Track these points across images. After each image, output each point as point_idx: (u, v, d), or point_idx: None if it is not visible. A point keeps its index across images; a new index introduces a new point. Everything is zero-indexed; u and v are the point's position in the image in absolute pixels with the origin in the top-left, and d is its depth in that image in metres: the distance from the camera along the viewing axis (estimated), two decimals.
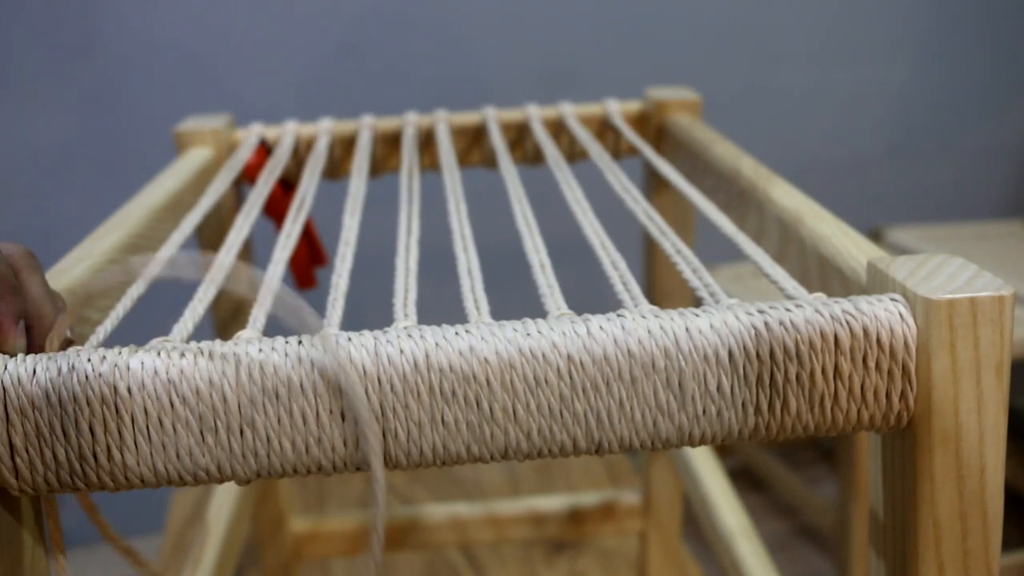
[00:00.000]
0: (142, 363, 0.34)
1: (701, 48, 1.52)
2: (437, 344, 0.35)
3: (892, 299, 0.36)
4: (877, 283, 0.39)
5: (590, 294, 0.96)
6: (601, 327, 0.35)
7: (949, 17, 1.57)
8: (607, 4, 1.48)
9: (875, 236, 1.58)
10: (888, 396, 0.35)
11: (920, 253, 0.39)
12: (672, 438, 0.36)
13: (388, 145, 0.77)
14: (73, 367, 0.34)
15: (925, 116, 1.62)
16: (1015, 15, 1.58)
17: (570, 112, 0.77)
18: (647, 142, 0.73)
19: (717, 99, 1.13)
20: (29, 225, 1.41)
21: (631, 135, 0.72)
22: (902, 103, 1.61)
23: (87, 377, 0.34)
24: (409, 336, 0.35)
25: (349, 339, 0.35)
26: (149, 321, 0.65)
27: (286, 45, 1.42)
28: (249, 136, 0.75)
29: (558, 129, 0.77)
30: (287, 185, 0.76)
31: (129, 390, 0.34)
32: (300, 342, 0.35)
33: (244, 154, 0.72)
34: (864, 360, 0.35)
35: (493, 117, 0.77)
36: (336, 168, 0.77)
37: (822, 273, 0.45)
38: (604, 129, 0.78)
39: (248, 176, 0.72)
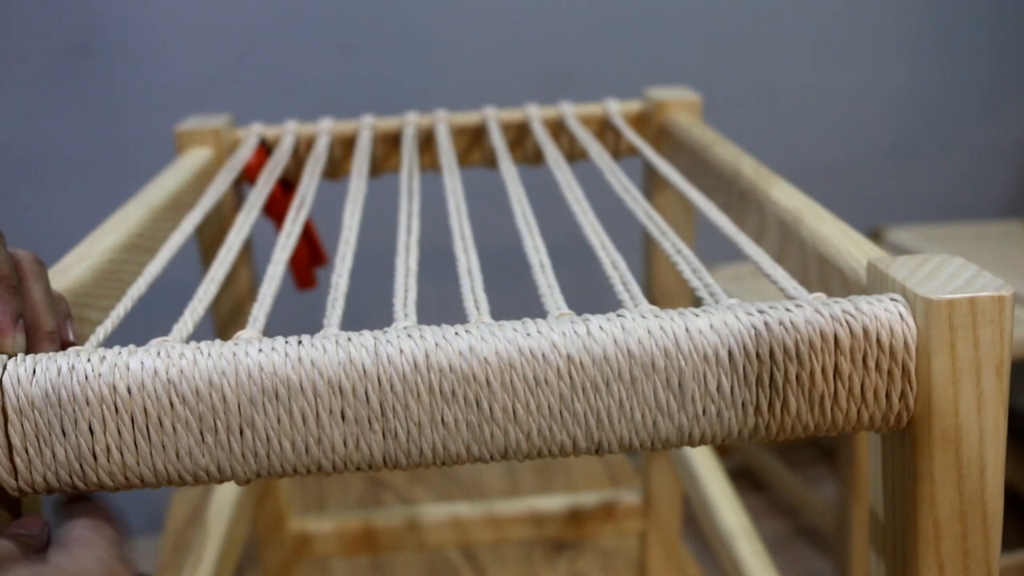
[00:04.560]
0: (142, 363, 0.34)
1: (701, 48, 1.52)
2: (437, 344, 0.35)
3: (892, 299, 0.36)
4: (877, 283, 0.39)
5: (590, 294, 0.96)
6: (601, 327, 0.35)
7: (949, 17, 1.57)
8: (607, 4, 1.47)
9: (875, 236, 1.58)
10: (888, 396, 0.35)
11: (920, 253, 0.39)
12: (672, 438, 0.36)
13: (388, 145, 0.77)
14: (73, 367, 0.34)
15: (925, 116, 1.62)
16: (1015, 15, 1.58)
17: (570, 112, 0.77)
18: (647, 142, 0.73)
19: (717, 99, 1.13)
20: (29, 225, 1.41)
21: (631, 135, 0.72)
22: (902, 103, 1.61)
23: (87, 377, 0.34)
24: (409, 336, 0.35)
25: (349, 339, 0.35)
26: (149, 321, 0.65)
27: (286, 45, 1.42)
28: (249, 136, 0.75)
29: (558, 129, 0.77)
30: (287, 185, 0.76)
31: (129, 390, 0.34)
32: (300, 342, 0.35)
33: (244, 154, 0.72)
34: (864, 360, 0.35)
35: (493, 117, 0.77)
36: (336, 168, 0.77)
37: (822, 273, 0.45)
38: (604, 129, 0.78)
39: (248, 176, 0.72)
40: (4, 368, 0.34)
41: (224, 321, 0.79)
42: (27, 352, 0.36)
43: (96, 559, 0.32)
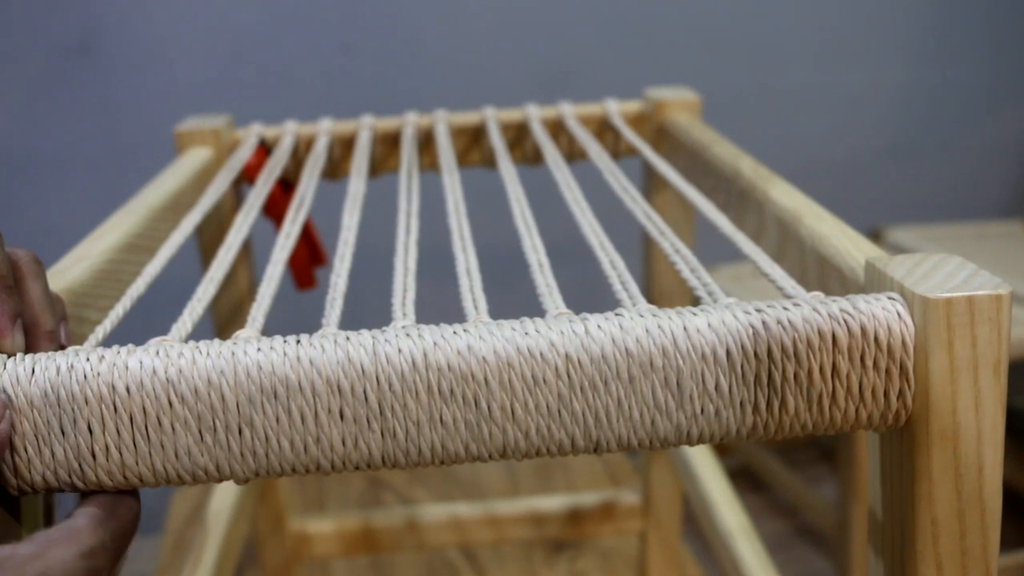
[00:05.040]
0: (141, 362, 0.34)
1: (701, 48, 1.52)
2: (435, 343, 0.35)
3: (890, 298, 0.36)
4: (875, 282, 0.39)
5: (589, 294, 0.96)
6: (599, 326, 0.35)
7: (949, 17, 1.57)
8: (607, 4, 1.48)
9: (875, 236, 1.58)
10: (886, 395, 0.35)
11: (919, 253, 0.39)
12: (670, 437, 0.36)
13: (387, 145, 0.77)
14: (72, 366, 0.34)
15: (925, 116, 1.62)
16: (1015, 15, 1.58)
17: (569, 112, 0.77)
18: (646, 142, 0.73)
19: (717, 99, 1.13)
20: (29, 225, 1.42)
21: (630, 135, 0.72)
22: (902, 103, 1.61)
23: (86, 376, 0.34)
24: (407, 335, 0.35)
25: (348, 338, 0.35)
26: (148, 321, 0.65)
27: (286, 45, 1.42)
28: (248, 136, 0.75)
29: (557, 129, 0.77)
30: (286, 185, 0.76)
31: (128, 389, 0.34)
32: (298, 341, 0.35)
33: (243, 154, 0.72)
34: (862, 359, 0.35)
35: (492, 117, 0.77)
36: (335, 168, 0.77)
37: (821, 272, 0.45)
38: (603, 129, 0.78)
39: (247, 176, 0.72)
40: (3, 367, 0.34)
41: (223, 321, 0.79)
42: (26, 351, 0.36)
43: (61, 561, 0.31)
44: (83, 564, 0.32)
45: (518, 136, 0.78)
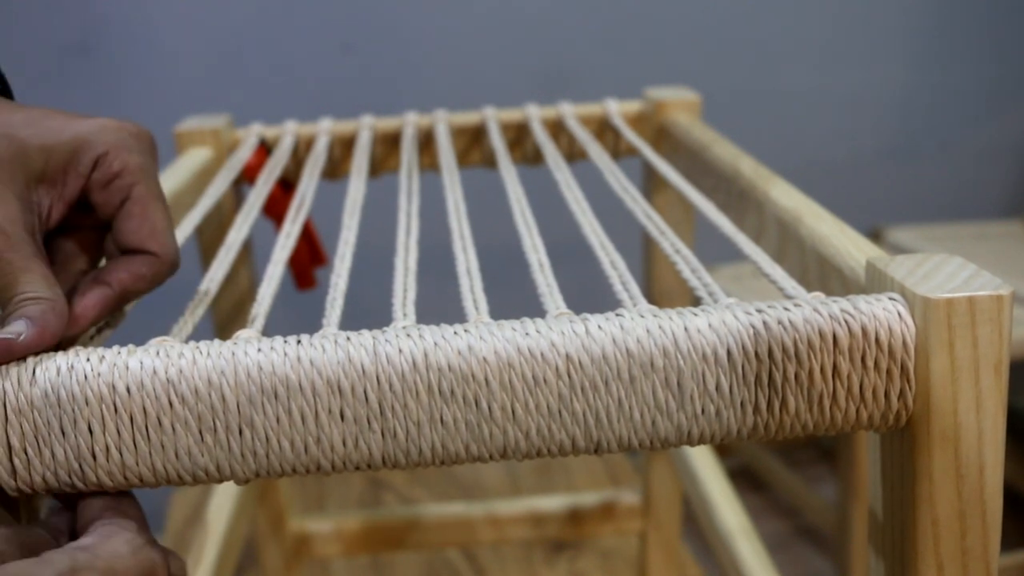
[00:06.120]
0: (141, 363, 0.34)
1: (701, 48, 1.52)
2: (436, 343, 0.35)
3: (891, 298, 0.36)
4: (876, 282, 0.39)
5: (589, 294, 0.95)
6: (600, 326, 0.35)
7: (949, 17, 1.57)
8: (607, 4, 1.47)
9: (875, 236, 1.58)
10: (887, 395, 0.35)
11: (920, 253, 0.39)
12: (671, 437, 0.36)
13: (388, 145, 0.77)
14: (72, 367, 0.34)
15: (925, 116, 1.62)
16: (1015, 15, 1.58)
17: (569, 112, 0.77)
18: (646, 142, 0.73)
19: (717, 99, 1.13)
20: None
21: (630, 135, 0.72)
22: (902, 103, 1.61)
23: (86, 377, 0.34)
24: (408, 335, 0.35)
25: (348, 338, 0.35)
26: (149, 321, 0.65)
27: (286, 45, 1.42)
28: (248, 136, 0.75)
29: (558, 129, 0.77)
30: (287, 185, 0.76)
31: (128, 389, 0.34)
32: (299, 342, 0.35)
33: (244, 154, 0.72)
34: (863, 359, 0.35)
35: (493, 117, 0.77)
36: (336, 168, 0.77)
37: (821, 273, 0.45)
38: (603, 129, 0.78)
39: (248, 176, 0.72)
40: (3, 368, 0.34)
41: (224, 321, 0.79)
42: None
43: (126, 541, 0.33)
44: (144, 536, 0.34)
45: (518, 136, 0.78)
